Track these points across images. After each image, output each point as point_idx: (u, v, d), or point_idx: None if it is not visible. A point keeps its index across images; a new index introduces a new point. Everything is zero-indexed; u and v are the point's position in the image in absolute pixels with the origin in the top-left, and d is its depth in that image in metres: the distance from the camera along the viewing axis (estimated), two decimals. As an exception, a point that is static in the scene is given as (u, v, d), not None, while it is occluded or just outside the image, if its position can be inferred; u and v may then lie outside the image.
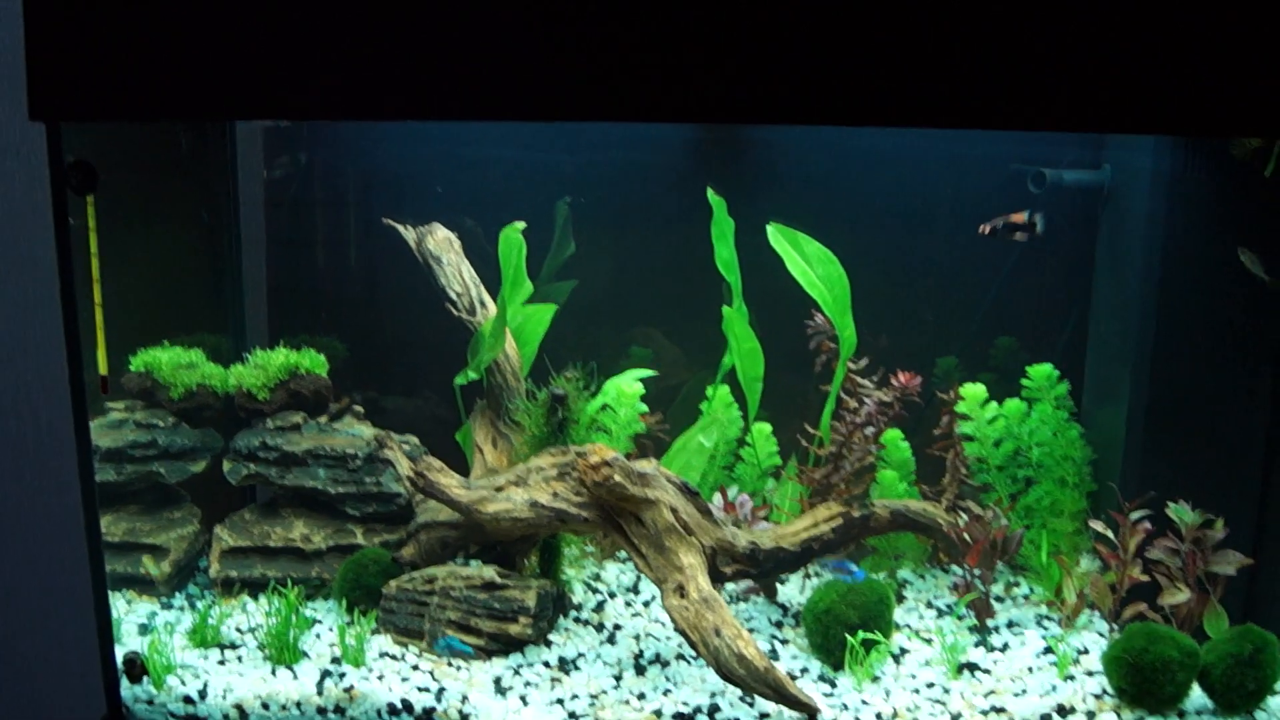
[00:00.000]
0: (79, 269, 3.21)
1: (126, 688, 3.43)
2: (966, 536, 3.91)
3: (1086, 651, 3.67)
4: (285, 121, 4.25)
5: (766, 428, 4.32)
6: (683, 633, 3.33)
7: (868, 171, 4.29)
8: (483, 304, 4.25)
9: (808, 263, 4.06)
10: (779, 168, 4.35)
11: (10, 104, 3.99)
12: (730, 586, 4.06)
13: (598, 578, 4.27)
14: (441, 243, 4.30)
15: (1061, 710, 3.32)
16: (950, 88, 2.73)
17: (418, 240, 4.30)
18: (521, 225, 4.05)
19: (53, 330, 4.17)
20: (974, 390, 4.13)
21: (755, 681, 3.20)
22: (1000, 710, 3.33)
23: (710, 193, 4.07)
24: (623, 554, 4.41)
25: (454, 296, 4.23)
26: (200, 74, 2.90)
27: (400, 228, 4.32)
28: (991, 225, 4.01)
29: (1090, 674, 3.53)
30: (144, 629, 3.80)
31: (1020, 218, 3.99)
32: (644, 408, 4.33)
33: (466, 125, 4.27)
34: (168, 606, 3.99)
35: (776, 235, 4.08)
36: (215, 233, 4.46)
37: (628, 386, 4.29)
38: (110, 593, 3.46)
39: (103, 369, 3.42)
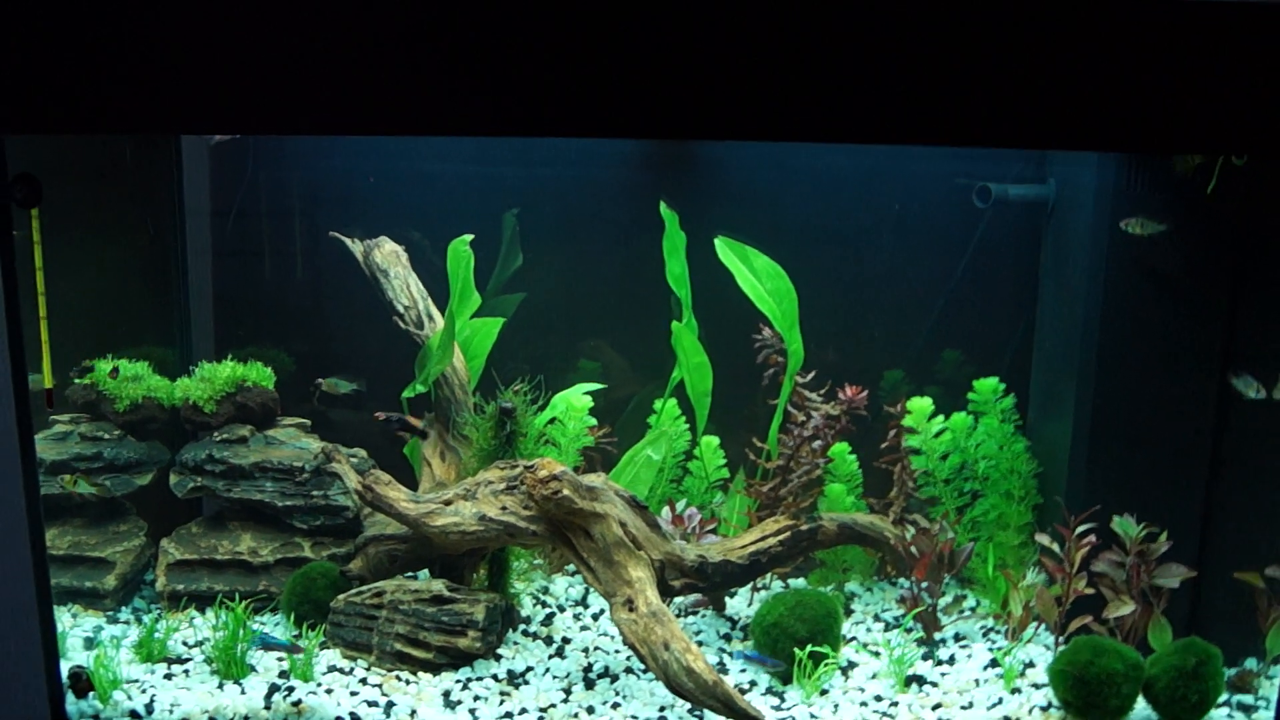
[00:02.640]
0: (22, 283, 3.17)
1: (72, 703, 3.39)
2: (914, 549, 3.94)
3: (1033, 664, 3.71)
4: (231, 135, 4.21)
5: (714, 441, 4.34)
6: (632, 646, 3.33)
7: (815, 187, 4.33)
8: (430, 317, 4.24)
9: (756, 277, 4.08)
10: (728, 182, 4.37)
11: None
12: (679, 600, 4.06)
13: (546, 591, 4.26)
14: (389, 256, 4.28)
15: (1008, 722, 3.37)
16: (900, 106, 2.76)
17: (365, 253, 4.28)
18: (469, 238, 4.04)
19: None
20: (920, 404, 4.17)
21: (704, 695, 3.20)
22: (947, 723, 3.36)
23: (663, 206, 4.08)
24: (572, 567, 4.40)
25: (401, 310, 4.22)
26: (147, 87, 2.87)
27: (347, 241, 4.30)
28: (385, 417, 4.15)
29: (1037, 686, 3.57)
30: (90, 643, 3.76)
31: (415, 421, 4.16)
32: (592, 421, 4.33)
33: (415, 139, 4.26)
34: (114, 620, 3.95)
35: (725, 249, 4.09)
36: (161, 245, 4.42)
37: (576, 400, 4.29)
38: (55, 607, 3.41)
39: (48, 382, 3.40)
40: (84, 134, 3.36)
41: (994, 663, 3.72)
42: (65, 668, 3.40)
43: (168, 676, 3.57)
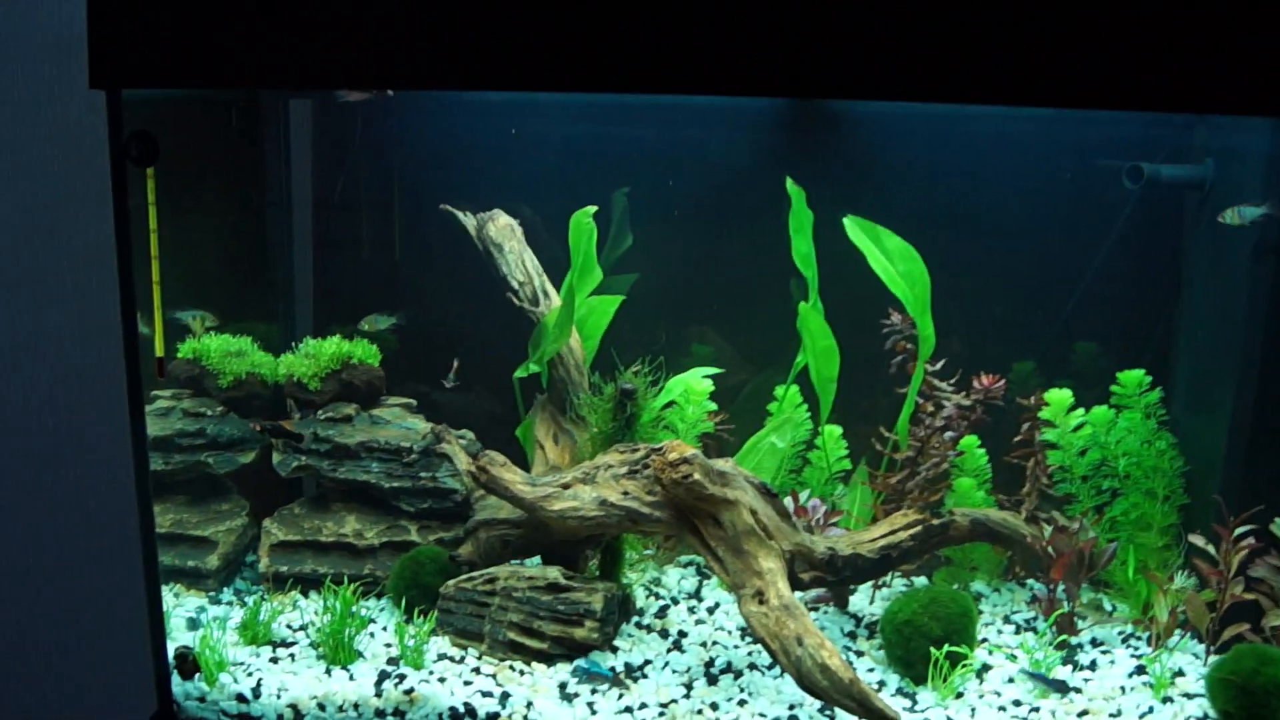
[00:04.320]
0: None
1: (178, 684, 3.33)
2: (1050, 549, 3.75)
3: (1182, 673, 3.49)
4: (343, 96, 4.10)
5: (837, 430, 4.16)
6: (761, 641, 3.18)
7: (952, 164, 4.14)
8: (545, 294, 4.11)
9: (889, 258, 3.89)
10: (858, 157, 4.20)
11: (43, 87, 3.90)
12: (799, 595, 3.89)
13: (658, 582, 4.12)
14: (503, 230, 4.16)
15: (1161, 732, 3.18)
16: (1047, 64, 2.61)
17: (478, 227, 4.16)
18: (592, 210, 3.89)
19: (93, 319, 4.10)
20: (1059, 396, 3.96)
21: (839, 694, 3.03)
22: (1095, 731, 3.18)
23: (789, 182, 3.91)
24: (684, 558, 4.26)
25: (516, 286, 4.09)
26: (264, 41, 2.84)
27: (459, 214, 4.18)
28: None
29: (1189, 696, 3.37)
30: (192, 623, 3.69)
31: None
32: (712, 405, 4.17)
33: (527, 104, 4.13)
34: (216, 601, 3.88)
35: (855, 229, 3.91)
36: (265, 217, 4.35)
37: (696, 384, 4.13)
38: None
39: (159, 350, 3.31)
40: (202, 87, 3.28)
41: (1140, 669, 3.51)
42: (171, 648, 3.34)
43: (273, 660, 3.49)
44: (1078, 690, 3.40)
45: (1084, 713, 3.28)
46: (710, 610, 3.92)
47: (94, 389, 4.16)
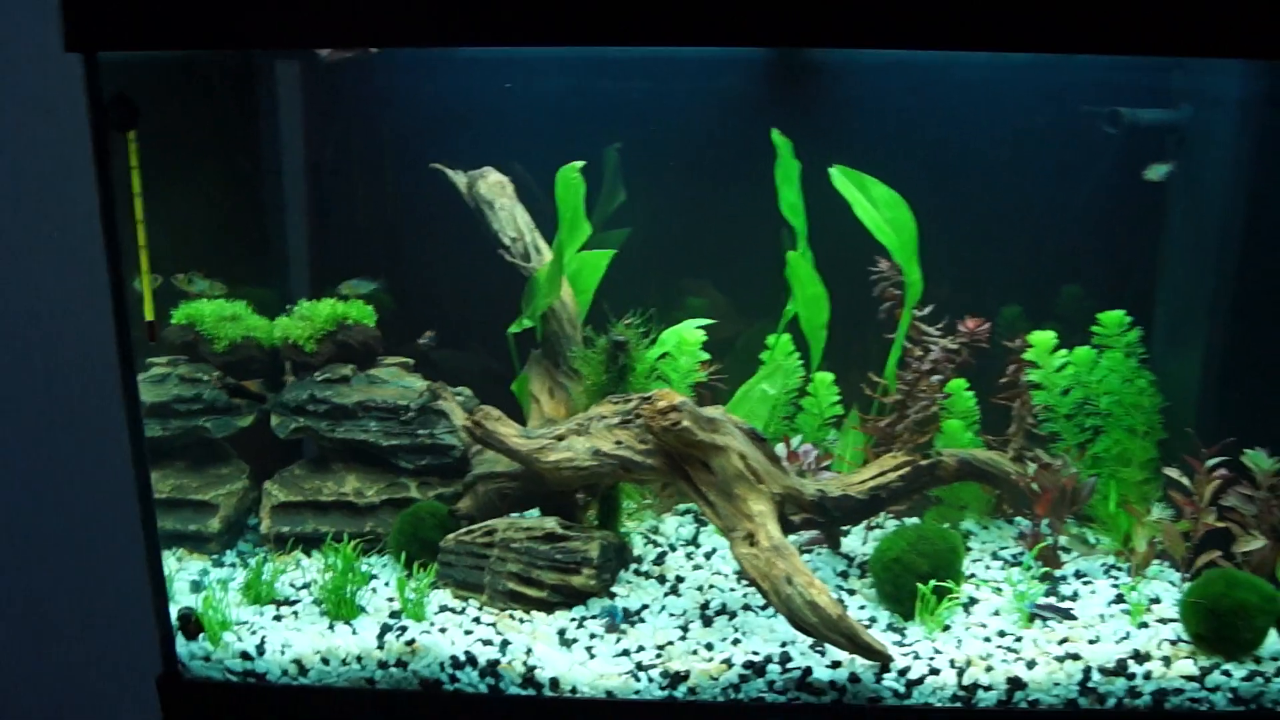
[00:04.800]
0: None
1: (182, 645, 3.40)
2: (1035, 486, 3.84)
3: (1159, 600, 3.61)
4: (326, 55, 4.12)
5: (829, 377, 4.24)
6: (753, 581, 3.27)
7: (936, 112, 4.19)
8: (538, 250, 4.17)
9: (875, 206, 3.96)
10: (842, 106, 4.26)
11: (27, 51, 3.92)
12: (793, 538, 3.99)
13: (656, 530, 4.21)
14: (494, 187, 4.21)
15: (1137, 656, 3.27)
16: (1027, 9, 2.68)
17: (469, 184, 4.21)
18: (580, 165, 3.95)
19: (88, 284, 4.14)
20: (1043, 338, 4.05)
21: (828, 630, 3.14)
22: (1075, 657, 3.27)
23: (775, 133, 3.97)
24: (681, 507, 4.35)
25: (507, 242, 4.15)
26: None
27: (449, 172, 4.24)
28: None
29: (1164, 621, 3.48)
30: (196, 586, 3.76)
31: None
32: (705, 355, 4.25)
33: (516, 62, 4.17)
34: (219, 564, 3.96)
35: (841, 178, 3.97)
36: (255, 180, 4.39)
37: (689, 334, 4.21)
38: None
39: (149, 314, 3.35)
40: (181, 49, 3.31)
41: (1119, 599, 3.63)
42: (174, 610, 3.41)
43: (277, 618, 3.56)
44: (1045, 620, 3.51)
45: (1064, 640, 3.38)
46: (707, 556, 4.01)
47: (89, 356, 4.21)
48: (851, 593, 3.73)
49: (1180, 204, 3.99)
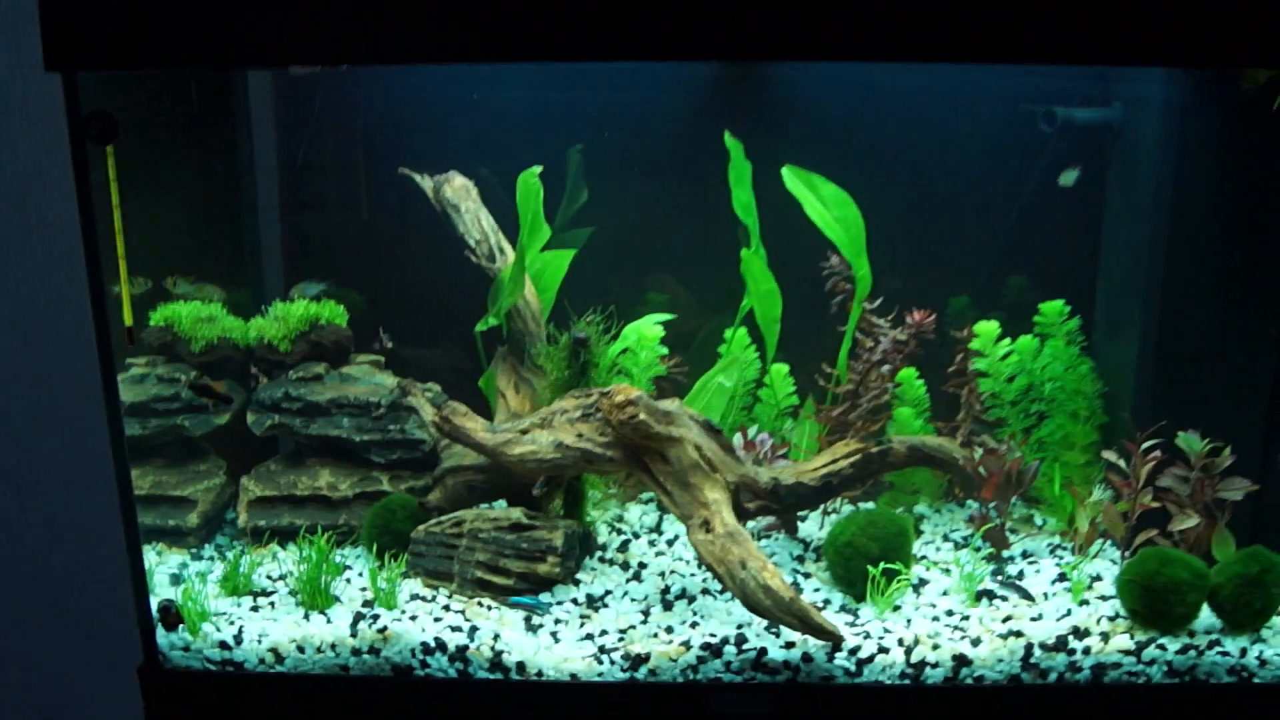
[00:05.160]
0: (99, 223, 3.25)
1: (162, 636, 3.50)
2: (982, 470, 4.00)
3: (1100, 578, 3.77)
4: (299, 69, 4.25)
5: (784, 369, 4.40)
6: (709, 566, 3.41)
7: (881, 113, 4.33)
8: (502, 251, 4.30)
9: (824, 204, 4.11)
10: (794, 109, 4.39)
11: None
12: (751, 524, 4.13)
13: (621, 519, 4.35)
14: (459, 190, 4.34)
15: (1077, 632, 3.42)
16: (964, 23, 2.81)
17: (435, 188, 4.34)
18: (538, 169, 4.09)
19: (67, 290, 4.25)
20: (987, 328, 4.21)
21: (781, 611, 3.27)
22: (1018, 634, 3.42)
23: (727, 136, 4.12)
24: (645, 495, 4.50)
25: (473, 244, 4.28)
26: (220, 19, 2.94)
27: (416, 176, 4.36)
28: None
29: (1104, 598, 3.63)
30: (175, 579, 3.87)
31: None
32: (664, 350, 4.39)
33: (480, 70, 4.29)
34: (198, 557, 4.06)
35: (792, 178, 4.13)
36: (230, 186, 4.49)
37: (648, 330, 4.35)
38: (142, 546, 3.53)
39: (128, 320, 3.46)
40: (157, 69, 3.40)
41: (1062, 577, 3.78)
42: (154, 603, 3.51)
43: (254, 609, 3.67)
44: (1004, 598, 3.66)
45: (1008, 618, 3.53)
46: (669, 543, 4.15)
47: (71, 359, 4.32)
48: (807, 576, 3.88)
49: (1116, 198, 4.15)
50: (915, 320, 4.18)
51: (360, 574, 3.88)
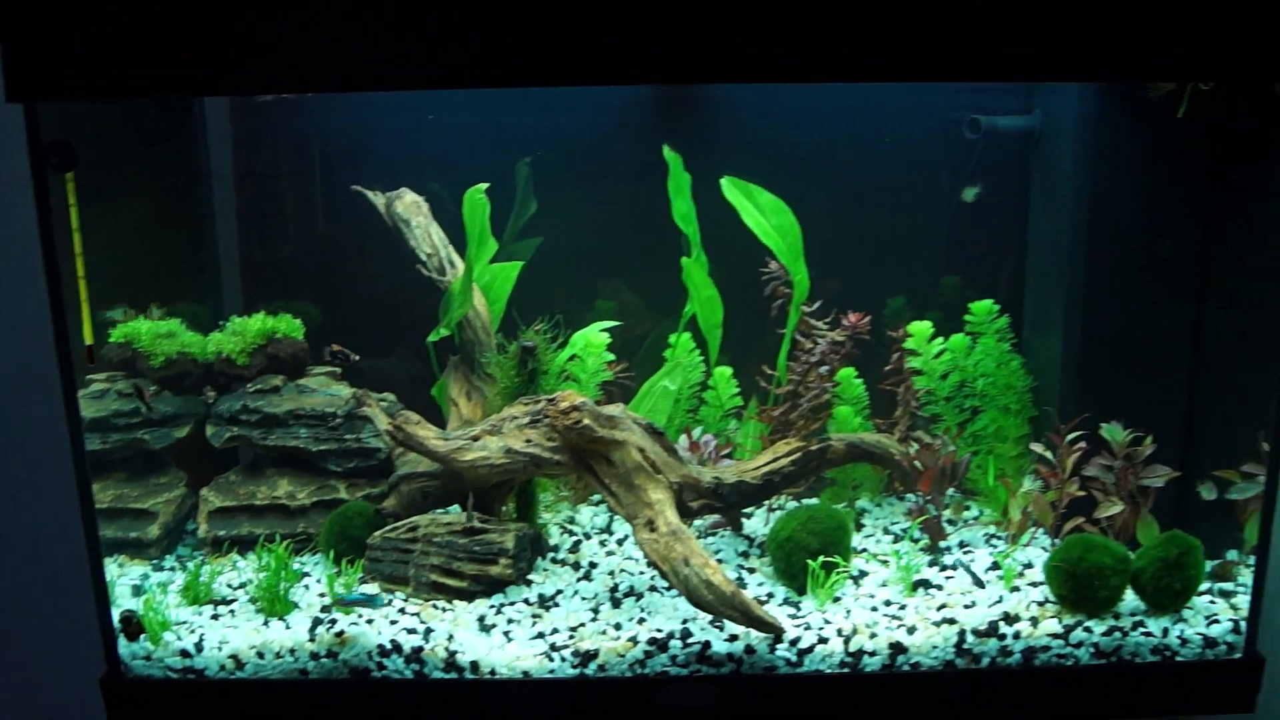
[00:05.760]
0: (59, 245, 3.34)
1: (124, 646, 3.57)
2: (918, 464, 4.14)
3: (1031, 565, 3.91)
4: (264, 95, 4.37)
5: (727, 371, 4.53)
6: (654, 564, 3.54)
7: (817, 124, 4.48)
8: (452, 264, 4.41)
9: (761, 213, 4.26)
10: (732, 122, 4.54)
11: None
12: (698, 522, 4.26)
13: (573, 521, 4.47)
14: (410, 206, 4.45)
15: (1008, 618, 3.56)
16: (894, 46, 2.98)
17: (386, 204, 4.45)
18: (484, 187, 4.22)
19: (28, 309, 4.31)
20: (920, 327, 4.36)
21: (724, 606, 3.40)
22: (951, 621, 3.56)
23: (666, 149, 4.26)
24: (596, 497, 4.62)
25: (424, 258, 4.39)
26: (180, 49, 3.02)
27: (368, 193, 4.47)
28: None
29: (1034, 585, 3.78)
30: (137, 590, 3.93)
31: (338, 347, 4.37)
32: (610, 357, 4.52)
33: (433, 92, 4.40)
34: (159, 568, 4.13)
35: (730, 188, 4.27)
36: (187, 204, 4.58)
37: (594, 337, 4.47)
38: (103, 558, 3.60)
39: (88, 339, 3.56)
40: (118, 99, 3.48)
41: (995, 565, 3.93)
42: (115, 614, 3.59)
43: (214, 617, 3.75)
44: (939, 587, 3.81)
45: (943, 606, 3.67)
46: (619, 542, 4.27)
47: (35, 378, 4.38)
48: (751, 571, 4.01)
49: (1040, 201, 4.31)
50: (851, 322, 4.33)
51: (319, 580, 3.96)
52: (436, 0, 2.95)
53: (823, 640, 3.50)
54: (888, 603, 3.72)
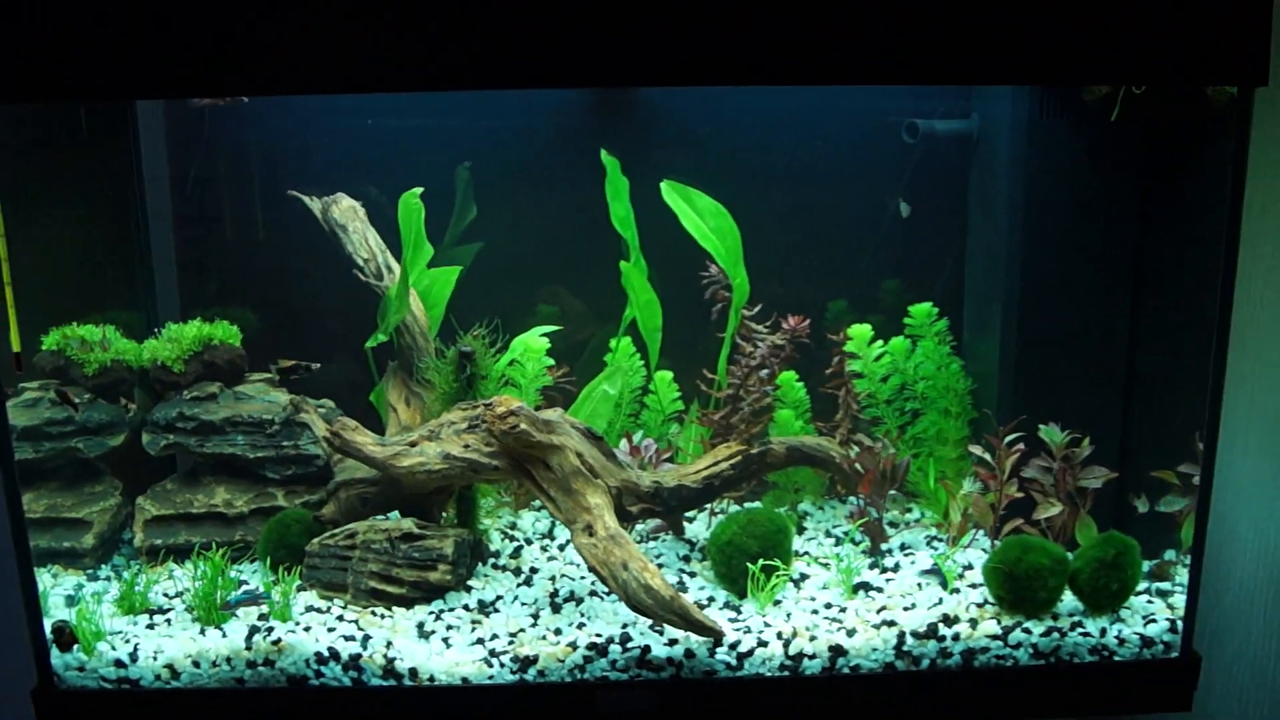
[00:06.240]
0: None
1: (57, 657, 3.52)
2: (858, 467, 4.15)
3: (971, 566, 3.93)
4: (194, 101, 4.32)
5: (668, 375, 4.53)
6: (593, 569, 3.52)
7: (757, 128, 4.50)
8: (389, 269, 4.38)
9: (700, 216, 4.26)
10: (671, 126, 4.53)
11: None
12: (640, 527, 4.26)
13: (514, 526, 4.45)
14: (346, 211, 4.42)
15: (947, 620, 3.58)
16: (829, 47, 2.99)
17: (323, 210, 4.41)
18: (419, 191, 4.19)
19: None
20: (860, 330, 4.38)
21: (663, 610, 3.39)
22: (891, 624, 3.57)
23: (604, 154, 4.25)
24: (538, 503, 4.59)
25: (361, 263, 4.36)
26: (103, 53, 2.98)
27: (305, 198, 4.43)
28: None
29: (974, 586, 3.79)
30: (71, 600, 3.88)
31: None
32: (550, 361, 4.50)
33: (369, 96, 4.37)
34: (94, 578, 4.08)
35: (670, 191, 4.27)
36: (121, 210, 4.52)
37: (534, 342, 4.45)
38: (36, 568, 3.54)
39: (16, 346, 3.51)
40: (40, 103, 3.44)
41: (935, 567, 3.94)
42: (48, 624, 3.53)
43: (150, 626, 3.70)
44: (880, 590, 3.82)
45: (882, 608, 3.68)
46: (561, 547, 4.26)
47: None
48: (692, 575, 4.00)
49: (978, 204, 4.33)
50: (790, 325, 4.34)
51: (257, 588, 3.90)
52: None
53: (763, 643, 3.49)
54: (828, 605, 3.73)
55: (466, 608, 3.78)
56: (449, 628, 3.66)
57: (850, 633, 3.55)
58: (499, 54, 3.01)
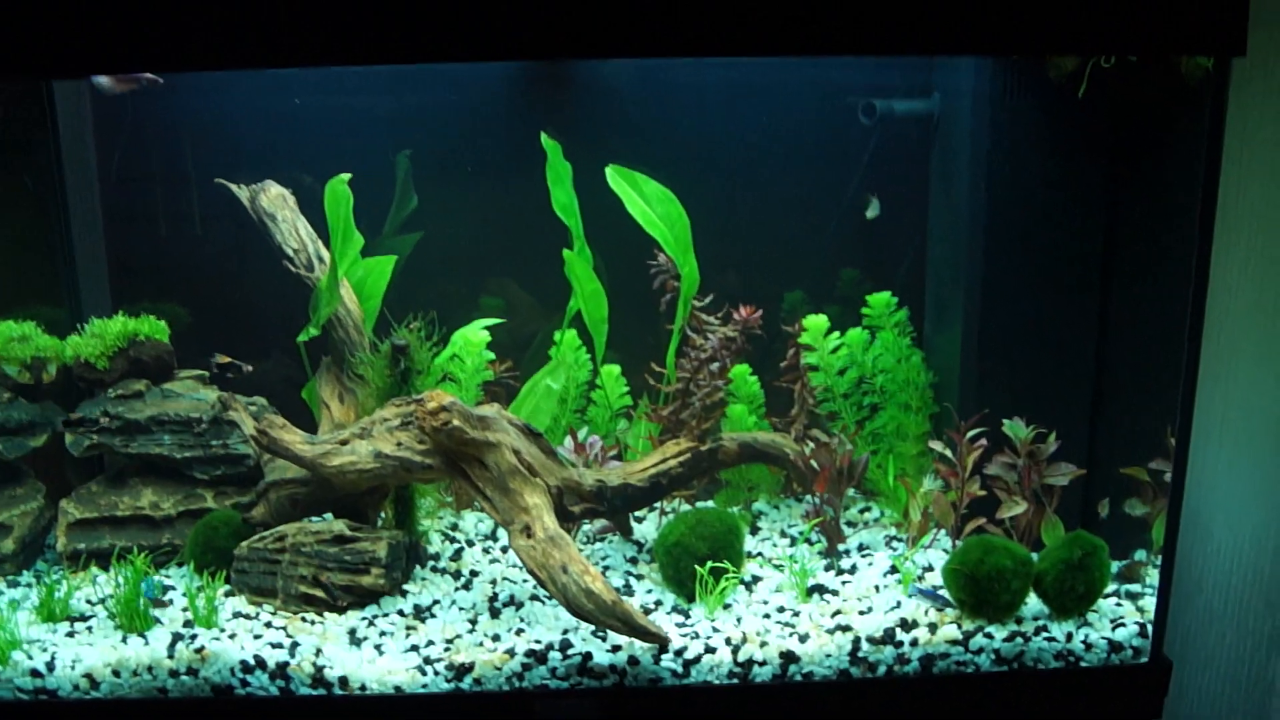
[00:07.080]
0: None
1: (-31, 668, 3.37)
2: (814, 464, 3.99)
3: (931, 568, 3.78)
4: (109, 89, 4.14)
5: (616, 369, 4.37)
6: (532, 572, 3.37)
7: (708, 110, 4.34)
8: (321, 259, 4.20)
9: (647, 202, 4.10)
10: (615, 108, 4.37)
11: None
12: (587, 527, 4.10)
13: (455, 527, 4.28)
14: (275, 199, 4.23)
15: (905, 624, 3.42)
16: (781, 15, 2.81)
17: (251, 198, 4.23)
18: (347, 177, 4.00)
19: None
20: (816, 321, 4.22)
21: (604, 615, 3.23)
22: (846, 629, 3.41)
23: (544, 137, 4.08)
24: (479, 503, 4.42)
25: (290, 253, 4.18)
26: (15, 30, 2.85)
27: (232, 186, 4.25)
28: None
29: (935, 588, 3.63)
30: (-12, 608, 3.72)
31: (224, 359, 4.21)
32: (491, 356, 4.33)
33: (296, 77, 4.21)
34: (14, 584, 3.91)
35: (615, 176, 4.11)
36: (42, 203, 4.34)
37: (474, 335, 4.29)
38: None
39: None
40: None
41: (894, 569, 3.78)
42: (-40, 635, 3.38)
43: (70, 634, 3.55)
44: (835, 592, 3.65)
45: (837, 613, 3.52)
46: (504, 550, 4.09)
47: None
48: (640, 578, 3.83)
49: (939, 189, 4.18)
50: (743, 316, 4.17)
51: (183, 594, 3.74)
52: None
53: (710, 650, 3.33)
54: (781, 609, 3.57)
55: (401, 613, 3.61)
56: (382, 634, 3.50)
57: (803, 638, 3.38)
58: (430, 25, 2.85)
